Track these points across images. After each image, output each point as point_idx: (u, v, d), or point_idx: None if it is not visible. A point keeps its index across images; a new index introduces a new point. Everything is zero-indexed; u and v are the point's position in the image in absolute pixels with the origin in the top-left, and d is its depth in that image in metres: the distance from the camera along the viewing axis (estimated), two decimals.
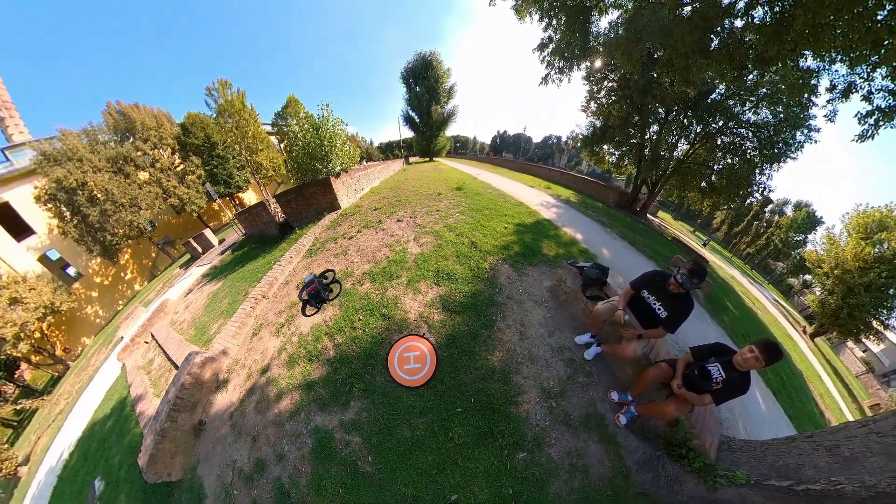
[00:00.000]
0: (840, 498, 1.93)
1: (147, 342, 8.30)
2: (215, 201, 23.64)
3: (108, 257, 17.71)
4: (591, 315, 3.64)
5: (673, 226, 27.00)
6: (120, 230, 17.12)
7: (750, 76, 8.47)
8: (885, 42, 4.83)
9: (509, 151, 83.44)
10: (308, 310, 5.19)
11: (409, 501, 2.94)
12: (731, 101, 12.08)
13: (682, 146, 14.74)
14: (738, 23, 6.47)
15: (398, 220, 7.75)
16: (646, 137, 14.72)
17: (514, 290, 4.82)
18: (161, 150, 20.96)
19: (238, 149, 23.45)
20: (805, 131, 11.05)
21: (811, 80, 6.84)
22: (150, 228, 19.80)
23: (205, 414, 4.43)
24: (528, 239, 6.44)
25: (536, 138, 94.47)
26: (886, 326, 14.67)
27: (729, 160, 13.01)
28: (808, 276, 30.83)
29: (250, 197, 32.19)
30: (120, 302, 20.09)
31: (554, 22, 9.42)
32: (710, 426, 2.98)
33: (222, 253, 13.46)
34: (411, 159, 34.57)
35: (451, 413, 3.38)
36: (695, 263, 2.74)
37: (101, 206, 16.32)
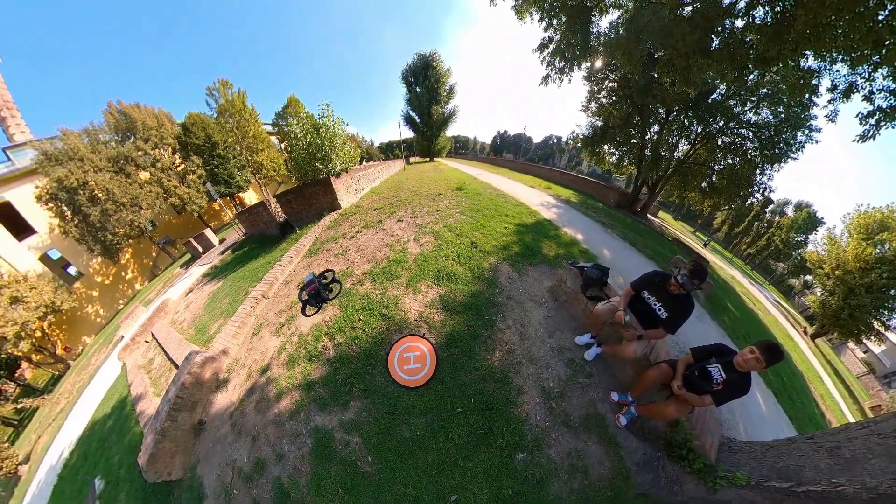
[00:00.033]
0: (841, 500, 1.92)
1: (147, 341, 8.31)
2: (216, 201, 23.66)
3: (109, 257, 17.75)
4: (591, 315, 3.63)
5: (673, 226, 26.97)
6: (121, 230, 17.14)
7: (751, 76, 8.46)
8: (887, 42, 4.82)
9: (510, 151, 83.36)
10: (308, 310, 5.19)
11: (408, 502, 2.93)
12: (731, 102, 12.05)
13: (683, 146, 14.71)
14: (739, 23, 6.45)
15: (398, 220, 7.75)
16: (646, 138, 14.70)
17: (514, 290, 4.81)
18: (162, 150, 20.97)
19: (239, 149, 23.47)
20: (806, 131, 11.02)
21: (812, 81, 6.80)
22: (150, 228, 19.81)
23: (205, 413, 4.44)
24: (528, 239, 6.44)
25: (537, 138, 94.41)
26: (887, 327, 14.66)
27: (730, 160, 12.96)
28: (808, 277, 30.75)
29: (251, 197, 32.18)
30: (120, 301, 20.12)
31: (554, 22, 9.40)
32: (710, 427, 2.97)
33: (223, 252, 13.47)
34: (412, 159, 34.50)
35: (451, 413, 3.37)
36: (695, 264, 2.73)
37: (102, 205, 16.34)
